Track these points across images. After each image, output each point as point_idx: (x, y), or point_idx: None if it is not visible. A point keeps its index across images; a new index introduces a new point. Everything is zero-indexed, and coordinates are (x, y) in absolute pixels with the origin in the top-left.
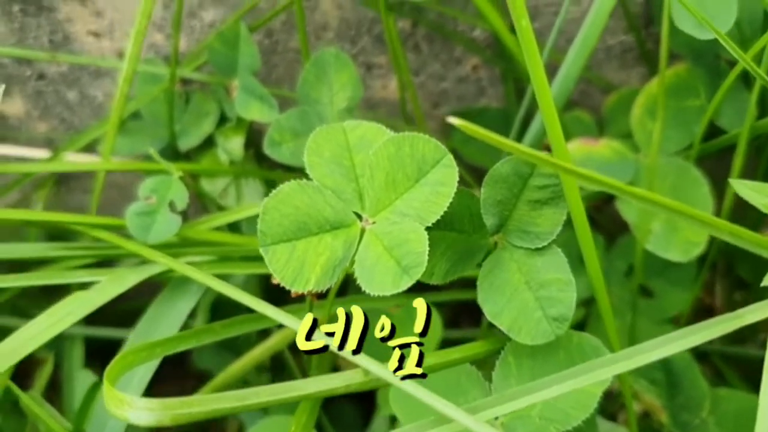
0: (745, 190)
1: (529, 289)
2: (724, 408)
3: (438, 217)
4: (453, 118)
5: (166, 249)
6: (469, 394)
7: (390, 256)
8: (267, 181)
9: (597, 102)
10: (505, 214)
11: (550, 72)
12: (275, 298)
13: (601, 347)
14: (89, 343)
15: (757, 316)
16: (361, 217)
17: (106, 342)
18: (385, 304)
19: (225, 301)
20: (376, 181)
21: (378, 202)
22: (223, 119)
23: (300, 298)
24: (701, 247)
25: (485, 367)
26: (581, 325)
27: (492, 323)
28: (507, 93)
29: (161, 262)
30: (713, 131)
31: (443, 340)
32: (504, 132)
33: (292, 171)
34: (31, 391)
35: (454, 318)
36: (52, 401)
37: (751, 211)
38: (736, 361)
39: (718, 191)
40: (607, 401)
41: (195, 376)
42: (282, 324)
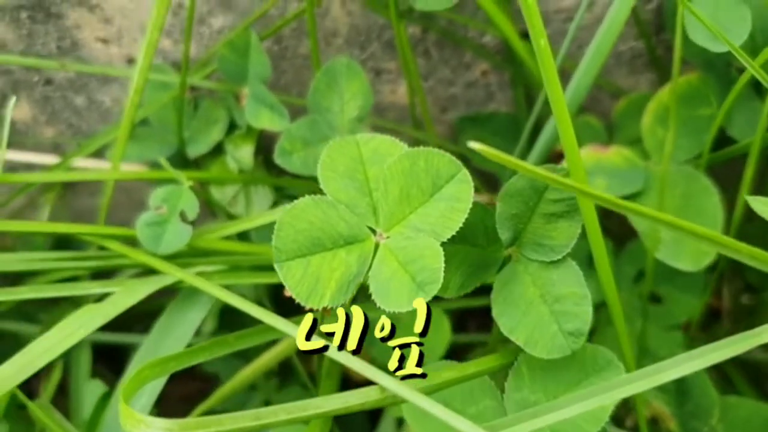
0: (760, 206)
1: (544, 302)
2: (734, 416)
3: (453, 233)
4: (474, 143)
5: (176, 258)
6: (481, 403)
7: (405, 271)
8: (276, 188)
9: (606, 107)
10: (519, 228)
11: (561, 77)
12: (285, 303)
13: (615, 360)
14: (96, 343)
15: None
16: (375, 232)
17: (113, 343)
18: None
19: (235, 307)
20: (390, 195)
21: (392, 216)
22: (232, 126)
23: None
24: (711, 257)
25: (497, 375)
26: (591, 330)
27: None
28: (516, 98)
29: (172, 274)
30: (723, 138)
31: (451, 345)
32: (513, 137)
33: (301, 177)
34: (39, 399)
35: (462, 322)
36: (59, 405)
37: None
38: (743, 364)
39: (726, 195)
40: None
41: (201, 378)
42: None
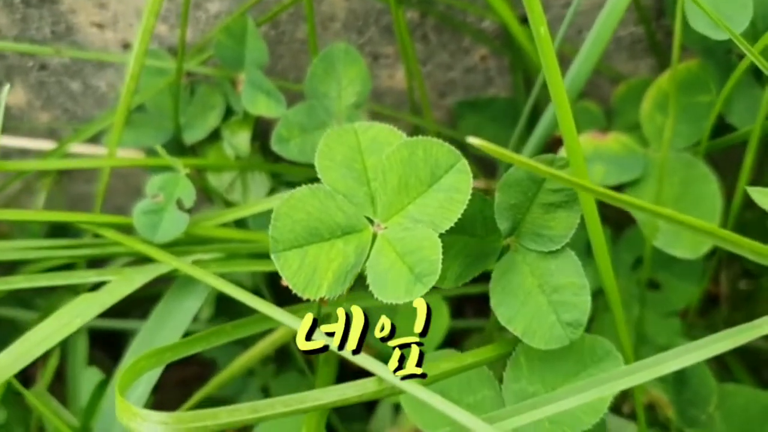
0: (761, 196)
1: (542, 293)
2: (731, 403)
3: (452, 223)
4: (472, 138)
5: (173, 246)
6: (479, 393)
7: (403, 263)
8: (273, 174)
9: (605, 92)
10: (518, 218)
11: (559, 62)
12: (283, 292)
13: (614, 351)
14: (93, 329)
15: None
16: (372, 222)
17: (110, 329)
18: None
19: None
20: (389, 185)
21: (390, 206)
22: (228, 112)
23: None
24: (709, 244)
25: (495, 365)
26: (589, 318)
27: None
28: (515, 83)
29: (168, 262)
30: (722, 125)
31: (449, 330)
32: (512, 122)
33: (299, 163)
34: (36, 386)
35: (459, 307)
36: (56, 391)
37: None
38: (741, 352)
39: (725, 182)
40: None
41: (198, 363)
42: None
